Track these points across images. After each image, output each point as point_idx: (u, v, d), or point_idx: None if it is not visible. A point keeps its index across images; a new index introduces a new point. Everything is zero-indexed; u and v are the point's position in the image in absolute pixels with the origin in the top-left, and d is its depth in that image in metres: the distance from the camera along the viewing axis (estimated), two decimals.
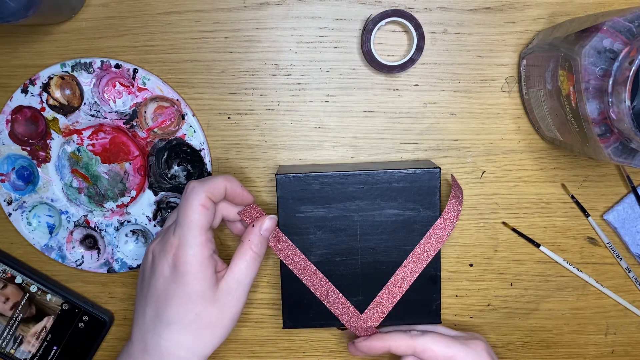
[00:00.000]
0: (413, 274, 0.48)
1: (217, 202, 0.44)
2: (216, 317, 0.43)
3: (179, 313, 0.42)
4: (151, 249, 0.45)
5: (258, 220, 0.46)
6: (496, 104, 0.52)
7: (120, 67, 0.50)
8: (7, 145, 0.52)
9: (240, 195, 0.46)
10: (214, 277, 0.43)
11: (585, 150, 0.42)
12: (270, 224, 0.46)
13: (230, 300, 0.43)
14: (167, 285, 0.42)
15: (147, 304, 0.44)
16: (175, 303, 0.42)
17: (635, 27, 0.37)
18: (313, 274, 0.48)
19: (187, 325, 0.42)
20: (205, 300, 0.42)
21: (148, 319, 0.43)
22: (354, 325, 0.49)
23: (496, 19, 0.50)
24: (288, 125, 0.52)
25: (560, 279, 0.54)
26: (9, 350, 0.54)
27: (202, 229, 0.42)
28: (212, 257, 0.43)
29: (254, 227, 0.46)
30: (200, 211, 0.42)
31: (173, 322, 0.42)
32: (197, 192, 0.43)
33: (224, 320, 0.43)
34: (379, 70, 0.50)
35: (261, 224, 0.46)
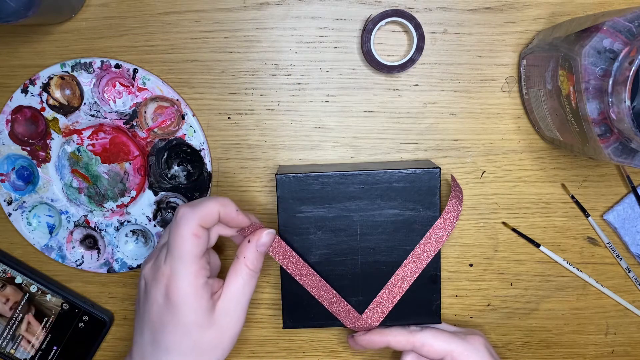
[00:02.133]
0: (413, 274, 0.48)
1: (209, 228, 0.42)
2: (215, 340, 0.42)
3: (176, 341, 0.41)
4: (143, 275, 0.43)
5: (254, 234, 0.44)
6: (496, 104, 0.52)
7: (120, 67, 0.50)
8: (7, 145, 0.52)
9: (235, 220, 0.43)
10: (209, 303, 0.41)
11: (585, 150, 0.42)
12: (267, 240, 0.44)
13: (229, 321, 0.42)
14: (162, 314, 0.41)
15: (143, 329, 0.42)
16: (171, 331, 0.41)
17: (635, 27, 0.37)
18: (312, 278, 0.48)
19: (186, 352, 0.41)
20: (201, 328, 0.41)
21: (146, 342, 0.42)
22: (355, 326, 0.49)
23: (496, 19, 0.50)
24: (288, 125, 0.52)
25: (560, 279, 0.54)
26: (9, 350, 0.54)
27: (194, 259, 0.40)
28: (207, 284, 0.41)
29: (250, 242, 0.44)
30: (192, 241, 0.40)
31: (171, 349, 0.41)
32: (188, 220, 0.40)
33: (223, 342, 0.42)
34: (379, 70, 0.50)
35: (258, 239, 0.44)
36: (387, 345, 0.47)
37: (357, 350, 0.55)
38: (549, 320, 0.55)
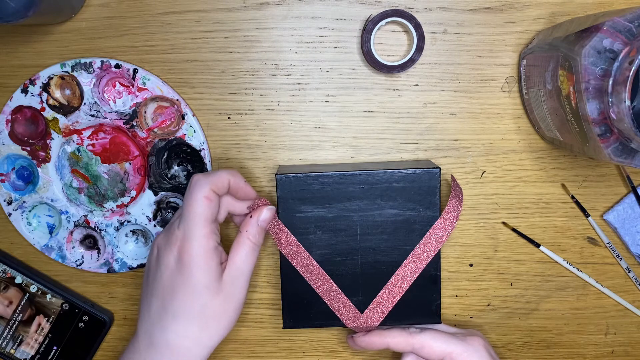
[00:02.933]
0: (413, 274, 0.48)
1: (220, 195, 0.45)
2: (221, 307, 0.43)
3: (185, 305, 0.43)
4: (156, 243, 0.45)
5: (256, 210, 0.46)
6: (496, 104, 0.52)
7: (120, 67, 0.50)
8: (7, 145, 0.52)
9: (244, 189, 0.46)
10: (219, 268, 0.43)
11: (585, 150, 0.42)
12: (268, 215, 0.46)
13: (234, 290, 0.44)
14: (173, 278, 0.43)
15: (153, 297, 0.44)
16: (181, 295, 0.42)
17: (635, 27, 0.37)
18: (316, 272, 0.48)
19: (193, 317, 0.43)
20: (210, 292, 0.43)
21: (154, 312, 0.44)
22: (354, 324, 0.49)
23: (496, 19, 0.50)
24: (288, 125, 0.52)
25: (560, 279, 0.54)
26: (9, 351, 0.54)
27: (206, 221, 0.43)
28: (217, 249, 0.44)
29: (252, 217, 0.46)
30: (204, 203, 0.43)
31: (179, 314, 0.43)
32: (201, 185, 0.43)
33: (229, 311, 0.44)
34: (379, 70, 0.50)
35: (259, 215, 0.46)
36: (387, 346, 0.47)
37: (356, 351, 0.55)
38: (549, 320, 0.55)
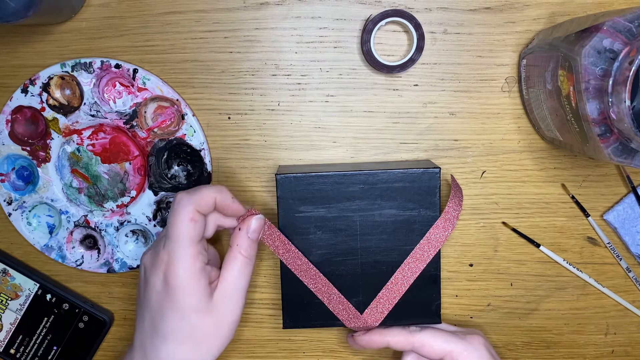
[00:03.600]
0: (413, 274, 0.48)
1: (206, 214, 0.43)
2: (213, 328, 0.42)
3: (174, 327, 0.41)
4: (143, 262, 0.44)
5: (244, 221, 0.45)
6: (496, 104, 0.52)
7: (120, 67, 0.50)
8: (7, 145, 0.52)
9: (231, 207, 0.44)
10: (207, 289, 0.42)
11: (585, 150, 0.42)
12: (257, 225, 0.45)
13: (226, 309, 0.43)
14: (160, 300, 0.42)
15: (144, 315, 0.43)
16: (169, 317, 0.41)
17: (635, 27, 0.37)
18: (314, 276, 0.48)
19: (183, 339, 0.42)
20: (199, 314, 0.41)
21: (146, 328, 0.43)
22: (354, 325, 0.49)
23: (496, 19, 0.50)
24: (288, 125, 0.52)
25: (560, 279, 0.54)
26: (9, 350, 0.54)
27: (191, 242, 0.41)
28: (204, 269, 0.42)
29: (241, 230, 0.44)
30: (188, 224, 0.41)
31: (169, 336, 0.42)
32: (184, 205, 0.41)
33: (221, 331, 0.43)
34: (379, 70, 0.50)
35: (248, 226, 0.44)
36: (387, 345, 0.47)
37: (356, 350, 0.55)
38: (549, 320, 0.55)
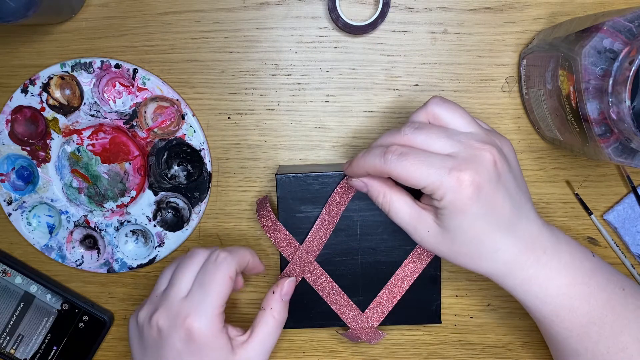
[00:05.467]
0: (413, 274, 0.48)
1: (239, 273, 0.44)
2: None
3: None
4: (155, 322, 0.42)
5: (277, 285, 0.46)
6: (496, 104, 0.52)
7: (120, 67, 0.50)
8: (7, 145, 0.52)
9: (258, 268, 0.46)
10: (229, 345, 0.42)
11: (585, 150, 0.42)
12: (289, 288, 0.46)
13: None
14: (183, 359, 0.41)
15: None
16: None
17: (635, 27, 0.37)
18: (316, 272, 0.48)
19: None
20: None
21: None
22: (355, 323, 0.49)
23: (496, 19, 0.50)
24: (288, 125, 0.52)
25: None
26: (9, 350, 0.54)
27: (223, 301, 0.42)
28: (224, 328, 0.42)
29: (275, 293, 0.45)
30: (228, 283, 0.42)
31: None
32: (229, 264, 0.42)
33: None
34: (350, 32, 0.49)
35: (281, 289, 0.46)
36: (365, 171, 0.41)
37: (356, 351, 0.55)
38: None
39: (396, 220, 0.41)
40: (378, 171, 0.39)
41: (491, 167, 0.38)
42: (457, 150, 0.38)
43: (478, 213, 0.38)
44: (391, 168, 0.38)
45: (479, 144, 0.38)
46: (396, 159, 0.38)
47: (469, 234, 0.39)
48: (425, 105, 0.40)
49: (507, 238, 0.39)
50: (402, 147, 0.39)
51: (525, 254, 0.40)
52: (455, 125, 0.40)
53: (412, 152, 0.38)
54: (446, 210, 0.38)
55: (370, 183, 0.42)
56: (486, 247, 0.39)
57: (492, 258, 0.40)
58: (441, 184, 0.37)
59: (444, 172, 0.37)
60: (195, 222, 0.53)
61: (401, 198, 0.41)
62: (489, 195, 0.38)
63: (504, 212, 0.38)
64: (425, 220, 0.40)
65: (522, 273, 0.40)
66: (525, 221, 0.40)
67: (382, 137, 0.41)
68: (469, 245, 0.39)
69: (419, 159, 0.38)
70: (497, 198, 0.38)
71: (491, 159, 0.38)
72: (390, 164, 0.38)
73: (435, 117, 0.40)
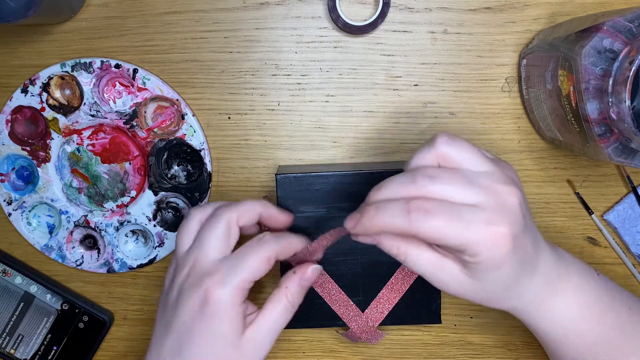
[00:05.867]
0: (413, 274, 0.48)
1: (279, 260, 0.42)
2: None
3: (199, 352, 0.40)
4: (176, 283, 0.41)
5: (300, 267, 0.43)
6: (496, 104, 0.52)
7: (120, 67, 0.50)
8: (7, 145, 0.52)
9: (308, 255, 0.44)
10: (241, 323, 0.40)
11: (585, 151, 0.42)
12: (312, 275, 0.43)
13: (254, 348, 0.41)
14: (193, 321, 0.39)
15: (168, 335, 0.41)
16: (197, 341, 0.40)
17: (635, 27, 0.37)
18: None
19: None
20: (227, 344, 0.40)
21: (166, 350, 0.40)
22: (355, 323, 0.49)
23: (496, 19, 0.50)
24: (288, 125, 0.52)
25: None
26: (9, 350, 0.54)
27: (253, 280, 0.40)
28: (244, 303, 0.40)
29: (295, 273, 0.42)
30: (264, 264, 0.40)
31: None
32: (272, 247, 0.40)
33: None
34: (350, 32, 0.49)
35: (303, 273, 0.42)
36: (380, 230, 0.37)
37: (356, 351, 0.55)
38: None
39: (414, 270, 0.38)
40: (400, 231, 0.35)
41: (519, 212, 0.35)
42: (483, 200, 0.35)
43: (513, 264, 0.36)
44: (419, 229, 0.34)
45: (501, 186, 0.35)
46: (423, 217, 0.34)
47: (502, 283, 0.37)
48: (434, 145, 0.36)
49: (532, 278, 0.39)
50: (425, 201, 0.34)
51: (544, 288, 0.40)
52: (468, 166, 0.36)
53: (439, 208, 0.34)
54: (481, 266, 0.35)
55: (380, 240, 0.39)
56: (513, 291, 0.38)
57: (517, 298, 0.39)
58: (478, 241, 0.34)
59: (481, 227, 0.34)
60: None
61: (419, 248, 0.38)
62: (520, 243, 0.36)
63: (531, 254, 0.37)
64: (449, 270, 0.37)
65: (540, 306, 0.40)
66: (542, 255, 0.39)
67: (391, 186, 0.37)
68: (499, 292, 0.38)
69: (451, 217, 0.34)
70: (526, 242, 0.36)
71: (518, 204, 0.35)
72: (418, 224, 0.34)
73: (445, 159, 0.36)
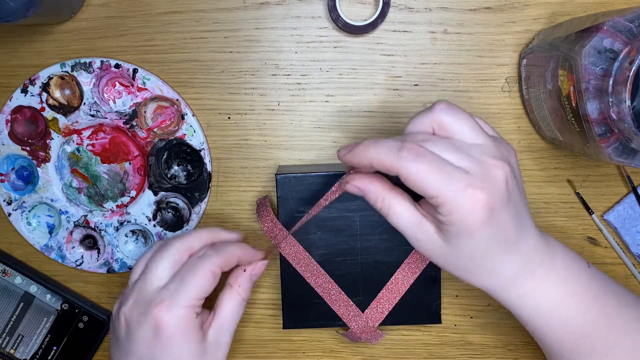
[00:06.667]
0: (413, 274, 0.48)
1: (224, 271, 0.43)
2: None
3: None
4: (122, 314, 0.42)
5: (250, 265, 0.45)
6: (496, 104, 0.52)
7: (120, 67, 0.50)
8: (6, 145, 0.52)
9: (253, 257, 0.45)
10: (200, 334, 0.42)
11: (585, 151, 0.42)
12: (261, 270, 0.45)
13: (218, 346, 0.43)
14: (152, 349, 0.40)
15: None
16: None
17: (635, 27, 0.37)
18: (316, 271, 0.48)
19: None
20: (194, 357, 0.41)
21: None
22: (355, 323, 0.49)
23: (496, 18, 0.50)
24: (288, 125, 0.52)
25: None
26: (8, 350, 0.54)
27: (202, 297, 0.41)
28: (198, 316, 0.42)
29: (245, 271, 0.45)
30: (209, 278, 0.41)
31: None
32: (213, 259, 0.41)
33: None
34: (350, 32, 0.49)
35: (252, 269, 0.45)
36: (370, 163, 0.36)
37: (356, 351, 0.55)
38: None
39: (394, 224, 0.39)
40: (386, 167, 0.35)
41: (503, 186, 0.35)
42: (470, 166, 0.35)
43: (486, 235, 0.36)
44: (404, 168, 0.34)
45: (491, 160, 0.35)
46: (412, 158, 0.34)
47: (472, 253, 0.37)
48: (431, 111, 0.36)
49: (510, 256, 0.38)
50: (419, 147, 0.34)
51: (523, 270, 0.39)
52: (463, 136, 0.36)
53: (430, 156, 0.34)
54: (453, 227, 0.35)
55: (367, 188, 0.38)
56: (487, 266, 0.38)
57: (492, 275, 0.39)
58: (455, 198, 0.34)
59: (461, 187, 0.34)
60: (195, 222, 0.53)
61: (401, 202, 0.38)
62: (499, 217, 0.35)
63: (509, 232, 0.37)
64: (425, 230, 0.37)
65: (518, 288, 0.39)
66: (526, 237, 0.39)
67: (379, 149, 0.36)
68: (469, 262, 0.38)
69: (438, 166, 0.34)
70: (506, 219, 0.36)
71: (504, 178, 0.35)
72: (405, 162, 0.34)
73: (442, 126, 0.36)
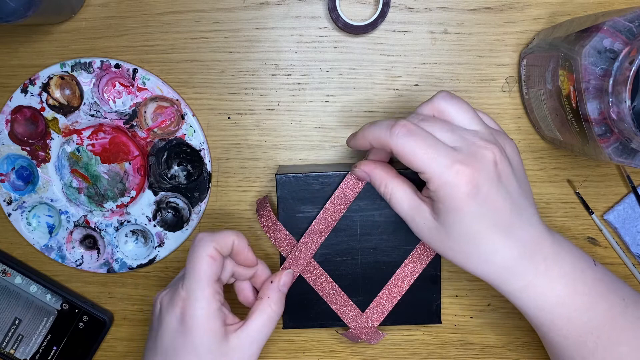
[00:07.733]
0: (413, 274, 0.48)
1: (224, 255, 0.43)
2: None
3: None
4: (159, 300, 0.44)
5: (275, 275, 0.46)
6: (496, 104, 0.52)
7: (120, 67, 0.50)
8: (6, 145, 0.52)
9: (245, 254, 0.45)
10: (222, 330, 0.42)
11: (585, 151, 0.42)
12: (288, 279, 0.46)
13: (242, 356, 0.42)
14: (175, 339, 0.41)
15: (156, 356, 0.42)
16: (182, 357, 0.41)
17: (635, 27, 0.37)
18: (316, 271, 0.48)
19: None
20: (213, 354, 0.41)
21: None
22: (355, 323, 0.49)
23: (496, 18, 0.50)
24: (288, 125, 0.52)
25: None
26: (8, 350, 0.54)
27: (209, 281, 0.41)
28: (221, 310, 0.42)
29: (273, 282, 0.45)
30: (207, 262, 0.41)
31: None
32: (205, 243, 0.42)
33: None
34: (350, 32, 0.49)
35: (279, 280, 0.46)
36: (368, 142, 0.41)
37: (356, 351, 0.55)
38: None
39: (396, 209, 0.41)
40: (382, 143, 0.38)
41: (491, 167, 0.37)
42: (461, 145, 0.37)
43: (476, 212, 0.37)
44: (396, 143, 0.37)
45: (481, 142, 0.38)
46: (404, 134, 0.37)
47: (465, 232, 0.38)
48: (432, 99, 0.40)
49: (505, 240, 0.38)
50: (411, 124, 0.37)
51: (523, 259, 0.39)
52: (460, 122, 0.39)
53: (421, 133, 0.37)
54: (442, 205, 0.37)
55: (373, 172, 0.42)
56: (483, 248, 0.38)
57: (489, 260, 0.39)
58: (441, 174, 0.36)
59: (447, 162, 0.36)
60: (195, 222, 0.53)
61: (402, 188, 0.41)
62: (488, 196, 0.37)
63: (503, 214, 0.38)
64: (422, 212, 0.40)
65: (520, 280, 0.39)
66: (526, 226, 0.39)
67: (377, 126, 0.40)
68: (464, 244, 0.39)
69: (427, 143, 0.37)
70: (496, 199, 0.37)
71: (492, 159, 0.37)
72: (397, 138, 0.37)
73: (441, 112, 0.39)
